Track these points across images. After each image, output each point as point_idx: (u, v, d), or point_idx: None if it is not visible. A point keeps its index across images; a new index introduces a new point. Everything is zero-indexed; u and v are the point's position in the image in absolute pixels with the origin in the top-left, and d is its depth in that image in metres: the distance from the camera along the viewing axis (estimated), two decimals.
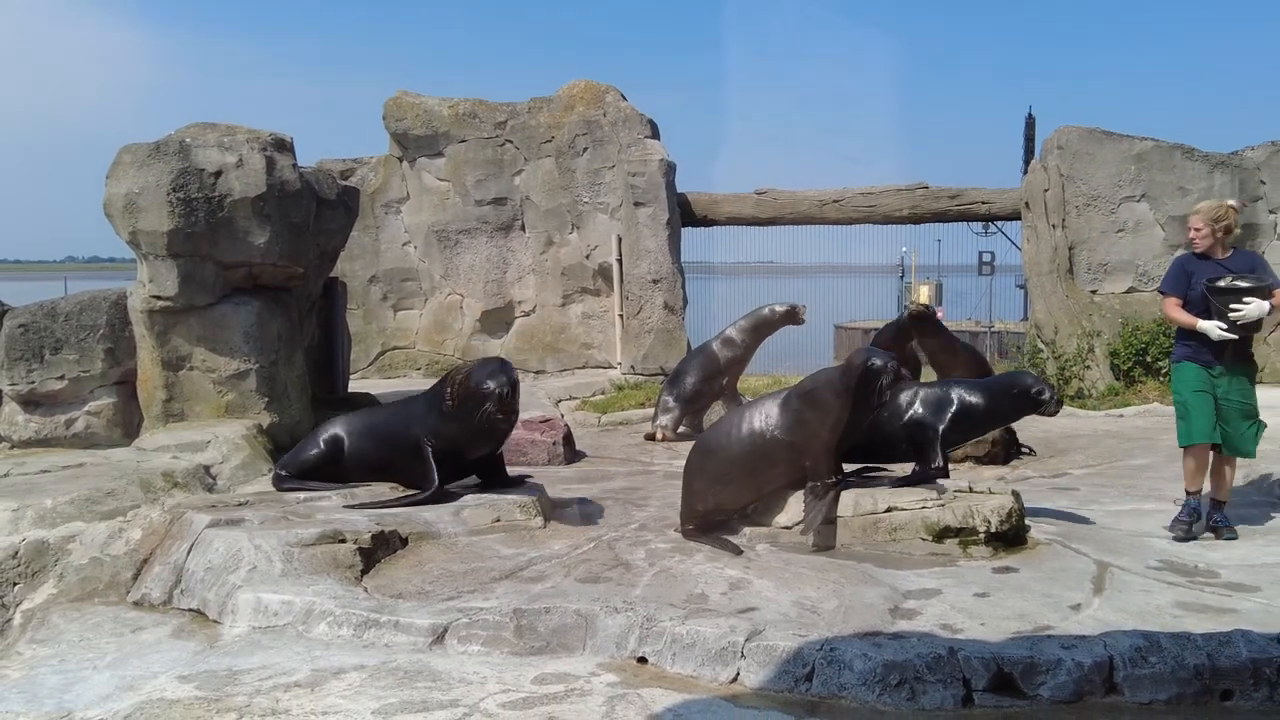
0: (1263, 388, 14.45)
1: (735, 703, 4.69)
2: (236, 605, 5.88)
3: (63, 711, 4.77)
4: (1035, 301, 16.46)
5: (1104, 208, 15.24)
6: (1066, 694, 4.65)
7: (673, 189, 17.02)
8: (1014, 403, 7.70)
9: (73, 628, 6.01)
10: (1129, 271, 15.27)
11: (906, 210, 17.67)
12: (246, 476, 9.00)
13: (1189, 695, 4.64)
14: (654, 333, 16.68)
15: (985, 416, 7.75)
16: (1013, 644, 4.91)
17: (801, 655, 4.88)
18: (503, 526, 7.46)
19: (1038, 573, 6.33)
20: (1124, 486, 9.03)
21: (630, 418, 13.26)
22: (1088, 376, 14.70)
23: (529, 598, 5.78)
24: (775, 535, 7.06)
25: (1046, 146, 16.11)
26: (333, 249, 11.80)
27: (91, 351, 10.05)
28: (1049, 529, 7.27)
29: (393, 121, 17.48)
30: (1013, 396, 7.67)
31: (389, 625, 5.50)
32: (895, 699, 4.66)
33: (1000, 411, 7.90)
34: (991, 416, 7.87)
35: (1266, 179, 14.91)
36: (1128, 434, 12.06)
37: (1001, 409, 7.85)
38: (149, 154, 9.68)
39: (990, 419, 7.94)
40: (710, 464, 7.18)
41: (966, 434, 7.86)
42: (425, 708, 4.63)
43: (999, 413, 7.93)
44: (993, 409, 7.73)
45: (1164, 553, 6.81)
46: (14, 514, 7.22)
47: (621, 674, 5.02)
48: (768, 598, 5.84)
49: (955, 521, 6.80)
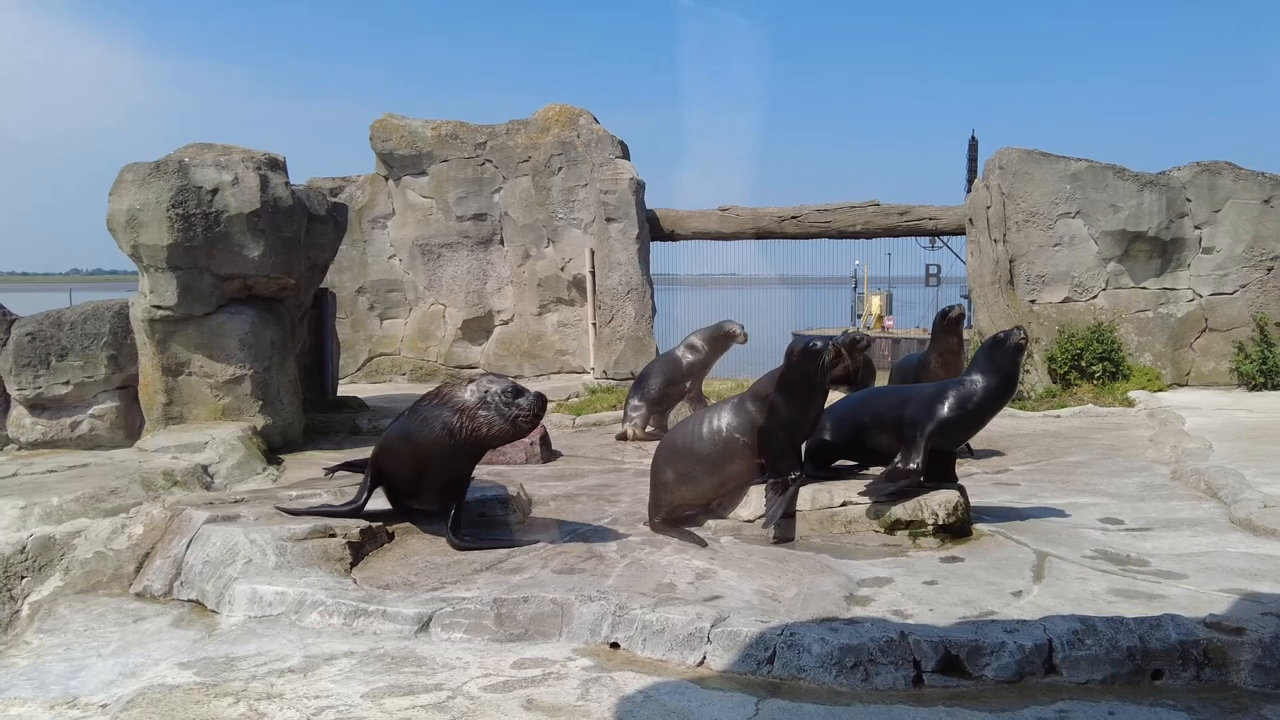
0: (1188, 390, 14.68)
1: (702, 685, 4.69)
2: (233, 596, 5.85)
3: (68, 697, 4.73)
4: (978, 311, 16.55)
5: (1042, 224, 15.33)
6: (1009, 674, 4.67)
7: (642, 206, 17.06)
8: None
9: (78, 618, 5.96)
10: (1065, 283, 15.37)
11: (859, 226, 17.78)
12: (242, 475, 8.96)
13: (1122, 675, 4.66)
14: (625, 340, 16.71)
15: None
16: (959, 628, 4.93)
17: (763, 640, 4.88)
18: (484, 521, 7.44)
19: (982, 562, 6.35)
20: (1061, 482, 9.07)
21: (603, 419, 13.25)
22: (1027, 380, 14.77)
23: (508, 588, 5.76)
24: (738, 528, 7.07)
25: (988, 167, 16.20)
26: (323, 262, 11.76)
27: (95, 358, 10.00)
28: (992, 521, 7.30)
29: (379, 142, 17.46)
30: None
31: (377, 614, 5.48)
32: (851, 680, 4.67)
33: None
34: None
35: (1191, 197, 15.03)
36: (1064, 433, 12.12)
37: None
38: (149, 172, 9.64)
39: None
40: (676, 462, 7.18)
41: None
42: (411, 691, 4.61)
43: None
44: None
45: (1098, 543, 6.84)
46: (22, 511, 7.16)
47: (595, 658, 5.01)
48: (732, 586, 5.84)
49: (905, 515, 6.82)
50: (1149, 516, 7.65)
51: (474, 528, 7.22)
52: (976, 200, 16.45)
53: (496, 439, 6.77)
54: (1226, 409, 12.69)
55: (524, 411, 6.59)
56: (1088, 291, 15.33)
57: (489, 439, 6.73)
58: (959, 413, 7.19)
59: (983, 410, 7.29)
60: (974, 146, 27.79)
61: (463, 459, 6.84)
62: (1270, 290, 14.87)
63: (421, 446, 6.76)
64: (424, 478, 6.92)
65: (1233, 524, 7.34)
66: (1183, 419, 11.72)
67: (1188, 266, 15.17)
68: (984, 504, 7.74)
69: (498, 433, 6.66)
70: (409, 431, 6.89)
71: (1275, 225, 14.82)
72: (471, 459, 6.93)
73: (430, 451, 6.73)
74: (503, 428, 6.62)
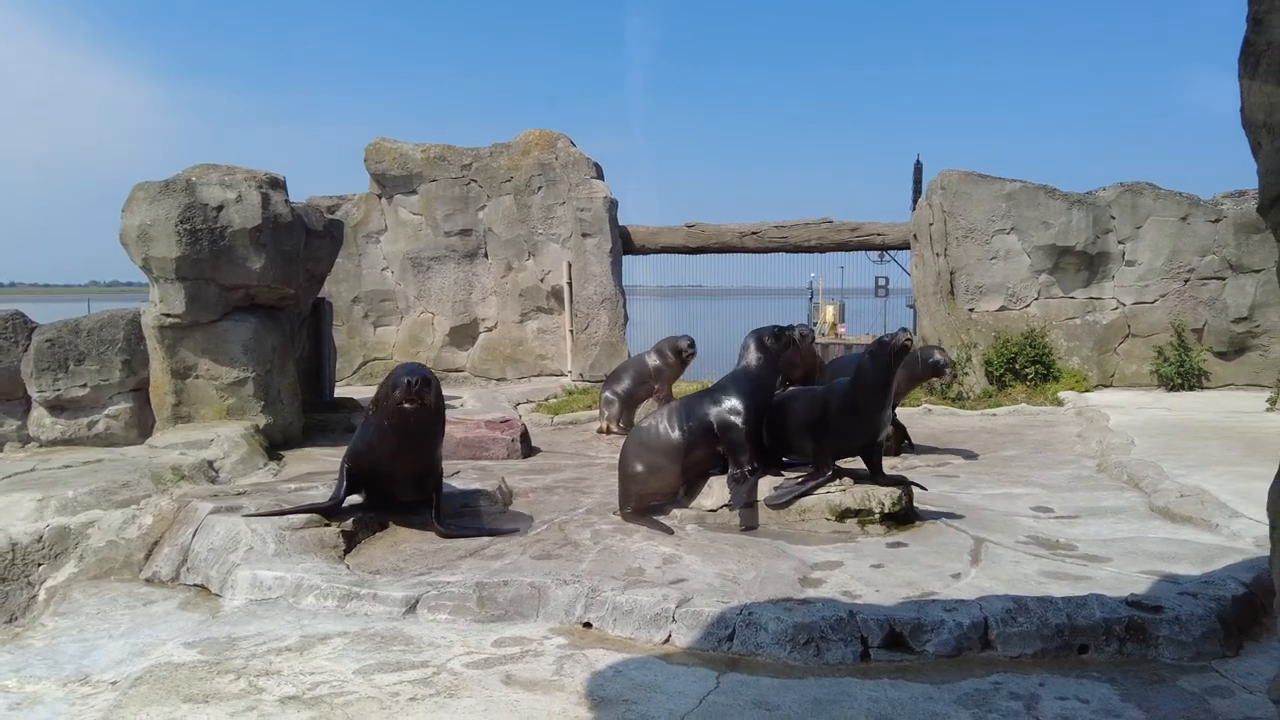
0: (1112, 390, 14.78)
1: (668, 660, 4.68)
2: (235, 581, 5.80)
3: (81, 675, 4.68)
4: (922, 318, 16.61)
5: (979, 239, 15.42)
6: (949, 649, 4.68)
7: (615, 222, 17.08)
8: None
9: (91, 602, 5.90)
10: (1001, 293, 15.46)
11: (814, 241, 17.83)
12: (244, 470, 8.89)
13: (1052, 650, 4.68)
14: (600, 345, 16.71)
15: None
16: (903, 607, 4.94)
17: (724, 619, 4.88)
18: (470, 512, 7.42)
19: (924, 547, 6.37)
20: (997, 474, 9.12)
21: (579, 418, 13.23)
22: (966, 382, 14.85)
23: (490, 573, 5.74)
24: (702, 517, 7.06)
25: (931, 187, 16.28)
26: (320, 273, 11.70)
27: (110, 363, 9.91)
28: (934, 510, 7.33)
29: (373, 163, 17.42)
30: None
31: (368, 597, 5.45)
32: (804, 655, 4.67)
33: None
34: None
35: (1115, 214, 15.14)
36: (999, 430, 12.20)
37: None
38: (159, 191, 9.58)
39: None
40: (643, 455, 7.18)
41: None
42: (399, 667, 4.59)
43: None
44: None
45: (1030, 529, 6.88)
46: (39, 503, 7.09)
47: (570, 637, 5.00)
48: (695, 570, 5.84)
49: (855, 504, 6.83)
50: (1076, 505, 7.70)
51: (459, 518, 7.21)
52: (921, 218, 16.52)
53: (401, 420, 6.74)
54: (1147, 408, 12.79)
55: (398, 398, 6.62)
56: (1021, 301, 15.42)
57: (400, 424, 6.76)
58: (841, 411, 7.02)
59: (861, 408, 6.99)
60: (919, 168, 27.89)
61: (414, 445, 6.88)
62: (1187, 300, 15.00)
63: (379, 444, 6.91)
64: (396, 472, 6.98)
65: (1152, 512, 7.40)
66: (1107, 417, 11.81)
67: (1112, 278, 15.29)
68: (926, 494, 7.78)
69: (394, 414, 6.71)
70: (366, 436, 7.04)
71: (1192, 240, 14.95)
72: (421, 445, 6.92)
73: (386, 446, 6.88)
74: (394, 410, 6.69)
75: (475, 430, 10.21)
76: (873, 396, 6.99)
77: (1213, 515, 6.90)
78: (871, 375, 6.94)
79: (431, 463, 7.10)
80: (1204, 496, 7.35)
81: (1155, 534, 6.71)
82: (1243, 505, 7.05)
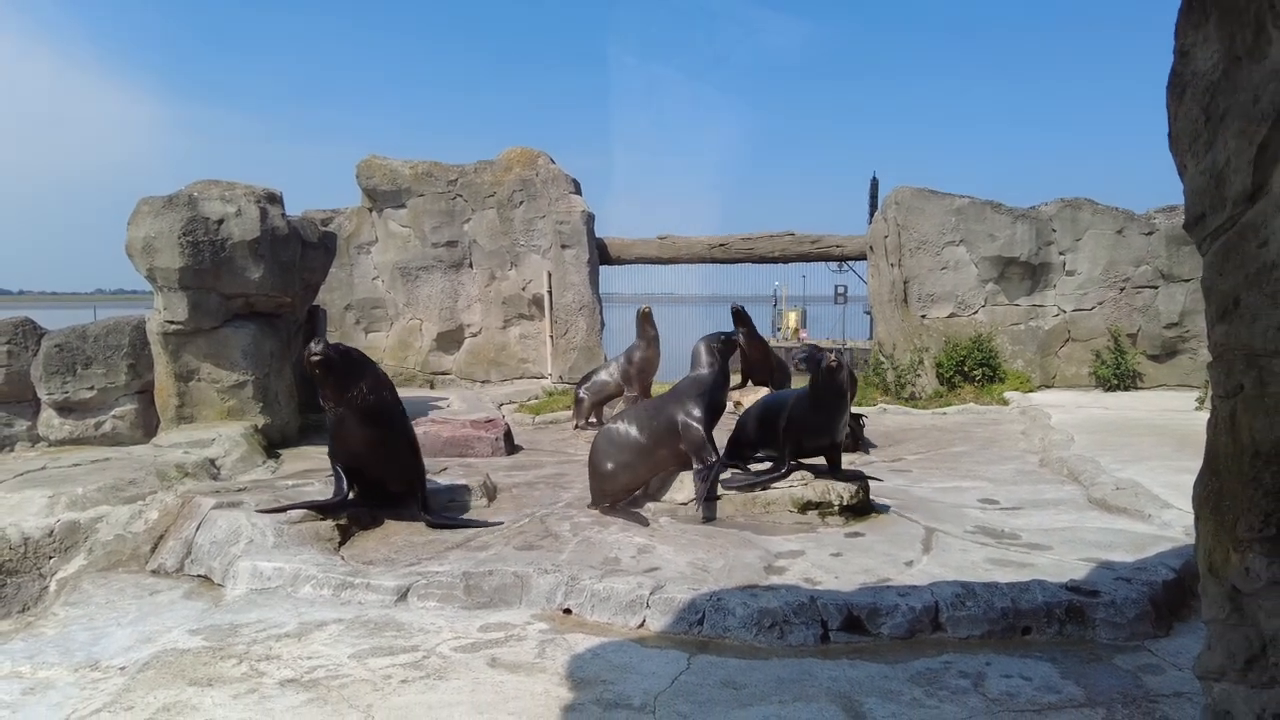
0: (1054, 391, 14.88)
1: (642, 644, 4.70)
2: (237, 572, 5.79)
3: (91, 661, 4.66)
4: (878, 324, 16.71)
5: (931, 250, 15.51)
6: (902, 632, 4.72)
7: (592, 234, 17.07)
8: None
9: (100, 592, 5.87)
10: (950, 300, 15.55)
11: (778, 252, 17.88)
12: (244, 468, 8.87)
13: (997, 631, 4.73)
14: (578, 350, 16.70)
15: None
16: (860, 593, 4.97)
17: (695, 605, 4.90)
18: (456, 506, 7.41)
19: (880, 537, 6.41)
20: (947, 469, 9.18)
21: (559, 418, 13.23)
22: (919, 383, 14.93)
23: (476, 563, 5.74)
24: (674, 510, 7.08)
25: (886, 202, 16.35)
26: (315, 282, 11.66)
27: (116, 367, 9.85)
28: (889, 502, 7.37)
29: (364, 179, 17.35)
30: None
31: (362, 586, 5.44)
32: (768, 638, 4.70)
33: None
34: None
35: (1056, 228, 15.25)
36: (949, 428, 12.26)
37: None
38: (163, 205, 9.54)
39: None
40: (613, 453, 7.20)
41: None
42: (391, 652, 4.59)
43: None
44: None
45: (978, 520, 6.93)
46: (50, 500, 7.04)
47: (551, 622, 5.01)
48: (668, 560, 5.86)
49: (815, 497, 6.87)
50: (1020, 497, 7.76)
51: (446, 511, 7.20)
52: (876, 231, 16.61)
53: (321, 386, 6.80)
54: (1086, 407, 12.89)
55: (306, 365, 6.73)
56: (970, 308, 15.52)
57: (322, 393, 6.83)
58: (794, 416, 7.15)
59: (806, 415, 7.11)
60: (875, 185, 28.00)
61: (371, 424, 6.85)
62: (1122, 307, 15.13)
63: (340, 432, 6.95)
64: (364, 454, 6.94)
65: (1090, 503, 7.47)
66: (1049, 415, 11.89)
67: (1054, 287, 15.39)
68: (882, 487, 7.83)
69: (320, 384, 6.77)
70: (330, 431, 7.04)
71: (1127, 252, 15.08)
72: (374, 424, 6.87)
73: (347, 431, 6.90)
74: (311, 377, 6.80)
75: (461, 429, 10.19)
76: (818, 406, 7.10)
77: (1145, 506, 6.98)
78: (826, 389, 7.03)
79: (399, 445, 7.05)
80: (1138, 489, 7.43)
81: (1093, 524, 6.78)
82: (1173, 497, 7.12)
